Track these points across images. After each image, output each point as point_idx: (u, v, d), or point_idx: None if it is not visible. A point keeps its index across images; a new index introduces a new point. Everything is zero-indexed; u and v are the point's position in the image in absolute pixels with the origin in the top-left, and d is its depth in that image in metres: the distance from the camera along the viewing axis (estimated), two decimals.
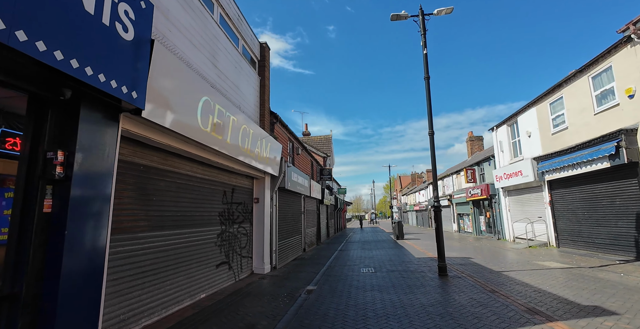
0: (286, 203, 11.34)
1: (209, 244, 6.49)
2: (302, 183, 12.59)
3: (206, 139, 5.32)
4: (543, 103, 13.60)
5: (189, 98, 4.72)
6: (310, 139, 26.78)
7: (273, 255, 9.44)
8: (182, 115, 4.56)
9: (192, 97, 4.79)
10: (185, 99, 4.60)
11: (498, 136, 17.84)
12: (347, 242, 19.24)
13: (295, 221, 12.63)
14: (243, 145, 6.87)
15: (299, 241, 13.05)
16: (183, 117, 4.58)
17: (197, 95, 4.95)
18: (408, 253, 12.63)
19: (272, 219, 9.55)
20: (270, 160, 8.82)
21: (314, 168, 18.30)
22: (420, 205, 40.60)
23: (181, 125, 4.55)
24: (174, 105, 4.33)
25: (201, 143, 5.25)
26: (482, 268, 8.88)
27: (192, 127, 4.85)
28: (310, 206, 16.30)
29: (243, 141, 6.86)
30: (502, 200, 17.58)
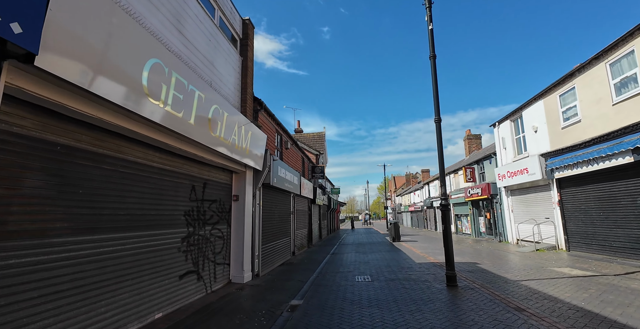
0: (272, 202, 10.14)
1: (170, 250, 5.27)
2: (291, 180, 11.41)
3: (158, 116, 4.12)
4: (551, 96, 12.63)
5: (127, 54, 3.50)
6: (302, 136, 25.59)
7: (255, 260, 8.23)
8: (115, 75, 3.34)
9: (131, 54, 3.57)
10: (119, 54, 3.38)
11: (500, 132, 16.87)
12: (340, 244, 18.08)
13: (283, 222, 11.43)
14: (214, 130, 5.67)
15: (287, 244, 11.85)
16: (116, 78, 3.36)
17: (142, 53, 3.74)
18: (407, 257, 11.51)
19: (255, 219, 8.34)
20: (251, 151, 7.63)
21: (305, 166, 17.11)
22: (416, 206, 39.65)
23: (112, 89, 3.33)
24: (98, 57, 3.10)
25: (150, 120, 4.03)
26: (494, 276, 7.78)
27: (133, 96, 3.63)
28: (300, 206, 15.12)
29: (215, 125, 5.65)
30: (504, 200, 16.60)
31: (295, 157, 14.33)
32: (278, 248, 10.49)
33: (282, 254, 11.07)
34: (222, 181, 7.32)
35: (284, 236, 11.50)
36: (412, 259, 10.90)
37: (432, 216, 32.05)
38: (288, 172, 11.11)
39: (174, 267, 5.33)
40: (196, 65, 6.01)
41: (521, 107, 14.75)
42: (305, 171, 17.03)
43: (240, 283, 7.42)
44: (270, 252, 9.60)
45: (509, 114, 15.88)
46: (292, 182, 11.65)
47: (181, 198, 5.67)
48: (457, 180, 24.71)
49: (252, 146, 7.64)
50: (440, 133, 7.00)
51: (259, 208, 8.62)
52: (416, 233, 27.22)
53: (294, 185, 12.12)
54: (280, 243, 10.84)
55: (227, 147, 6.25)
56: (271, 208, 9.98)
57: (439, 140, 6.97)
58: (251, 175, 8.32)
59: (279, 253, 10.55)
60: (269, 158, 8.80)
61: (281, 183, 10.01)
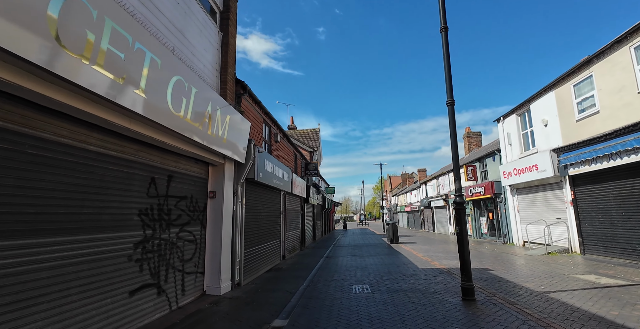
0: (258, 200, 8.98)
1: (116, 259, 4.10)
2: (280, 176, 10.26)
3: (84, 77, 2.96)
4: (564, 86, 11.65)
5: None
6: (295, 132, 24.45)
7: (236, 267, 7.08)
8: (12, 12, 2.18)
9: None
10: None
11: (505, 128, 15.90)
12: (335, 247, 16.97)
13: (271, 223, 10.28)
14: (177, 108, 4.51)
15: (276, 248, 10.70)
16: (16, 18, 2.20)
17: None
18: (408, 261, 10.43)
19: (236, 220, 7.19)
20: (231, 140, 6.48)
21: (297, 162, 15.97)
22: (412, 206, 38.70)
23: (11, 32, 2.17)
24: None
25: (71, 83, 2.88)
26: (514, 285, 6.72)
27: (35, 40, 2.48)
28: (292, 205, 13.98)
29: (177, 101, 4.49)
30: (509, 199, 15.63)
31: (286, 152, 13.19)
32: (265, 252, 9.33)
33: (270, 258, 9.91)
34: (194, 175, 6.16)
35: (273, 239, 10.35)
36: (414, 264, 9.81)
37: (429, 217, 31.09)
38: (277, 167, 9.97)
39: (122, 281, 4.16)
40: (157, 29, 4.84)
41: (529, 100, 13.78)
42: (297, 168, 15.89)
43: (216, 295, 6.26)
44: (255, 257, 8.45)
45: (515, 108, 14.90)
46: (282, 179, 10.50)
47: (135, 192, 4.51)
48: None
49: (231, 134, 6.48)
50: (453, 117, 5.92)
51: (241, 206, 7.47)
52: (413, 234, 26.22)
53: (284, 182, 10.98)
54: (268, 246, 9.69)
55: (197, 132, 5.09)
56: (257, 207, 8.82)
57: (452, 126, 5.89)
58: (232, 168, 7.16)
59: (266, 257, 9.39)
60: (254, 149, 7.65)
61: (268, 179, 8.86)
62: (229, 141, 6.41)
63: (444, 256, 11.53)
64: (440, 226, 27.59)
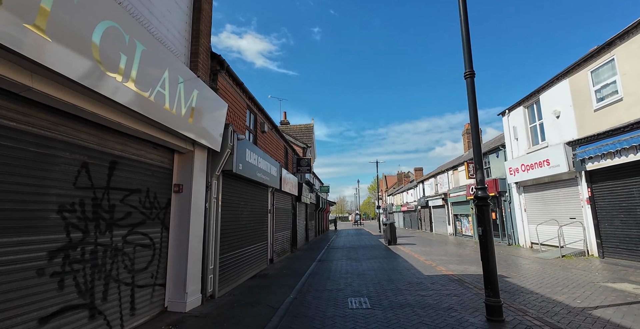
0: (240, 197, 7.79)
1: (18, 274, 2.90)
2: (266, 170, 9.08)
3: None
4: (580, 73, 10.64)
5: None
6: (288, 128, 23.26)
7: (209, 276, 5.89)
8: None
9: None
10: None
11: (511, 121, 14.89)
12: (329, 248, 15.81)
13: (256, 223, 9.10)
14: (111, 67, 3.31)
15: (261, 251, 9.51)
16: None
17: None
18: (410, 266, 9.32)
19: (210, 219, 6.01)
20: (200, 122, 5.29)
21: (288, 157, 14.79)
22: (409, 206, 37.72)
23: None
24: None
25: None
26: (543, 298, 5.62)
27: None
28: (282, 204, 12.80)
29: (110, 54, 3.30)
30: (515, 198, 14.62)
31: (275, 145, 11.99)
32: (247, 256, 8.14)
33: (255, 263, 8.73)
34: (152, 163, 4.95)
35: (258, 241, 9.16)
36: (417, 269, 8.70)
37: (427, 217, 30.11)
38: (263, 160, 8.79)
39: (28, 304, 2.96)
40: None
41: (538, 90, 12.77)
42: (288, 164, 14.71)
43: (179, 312, 5.06)
44: (235, 263, 7.25)
45: (522, 100, 13.89)
46: (268, 173, 9.32)
47: (54, 182, 3.30)
48: (455, 177, 22.76)
49: (201, 115, 5.30)
50: (473, 92, 4.82)
51: (216, 203, 6.28)
52: (411, 235, 25.17)
53: (272, 177, 9.80)
54: (251, 250, 8.50)
55: (145, 104, 3.89)
56: (237, 205, 7.63)
57: (472, 102, 4.79)
58: (204, 157, 5.97)
59: (248, 262, 8.20)
60: (232, 136, 6.47)
61: (251, 172, 7.67)
62: (198, 123, 5.22)
63: (448, 260, 10.44)
64: (439, 226, 26.60)
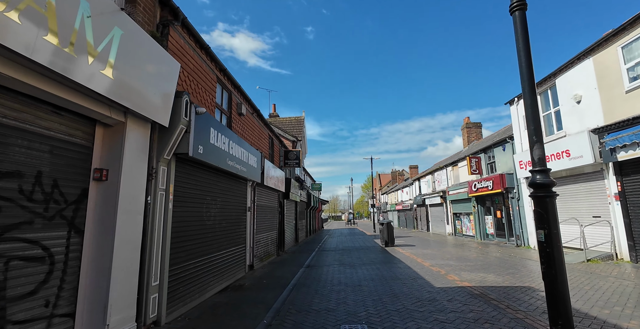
0: (204, 190, 6.19)
1: None
2: (242, 159, 7.49)
3: None
4: (608, 50, 9.26)
5: None
6: (277, 120, 21.63)
7: (150, 297, 4.30)
8: None
9: None
10: None
11: (520, 110, 13.51)
12: (320, 251, 14.27)
13: (230, 223, 7.50)
14: None
15: (237, 257, 7.92)
16: None
17: None
18: (415, 274, 7.82)
19: (154, 219, 4.42)
20: (126, 78, 3.69)
21: (274, 149, 13.18)
22: (404, 204, 36.40)
23: None
24: None
25: None
26: (607, 326, 4.16)
27: None
28: (266, 201, 11.21)
29: None
30: (524, 195, 13.26)
31: (256, 132, 10.38)
32: (216, 264, 6.54)
33: (227, 272, 7.14)
34: (51, 135, 3.33)
35: (232, 245, 7.57)
36: (425, 279, 7.21)
37: (423, 215, 28.77)
38: (238, 146, 7.21)
39: None
40: None
41: (554, 74, 11.39)
42: (274, 156, 13.11)
43: None
44: (196, 275, 5.65)
45: None
46: (245, 163, 7.73)
47: None
48: (455, 173, 21.41)
49: (131, 67, 3.70)
50: (525, 30, 3.27)
51: (164, 197, 4.68)
52: (407, 235, 23.77)
53: (251, 168, 8.21)
54: (222, 256, 6.90)
55: (14, 30, 2.28)
56: (201, 200, 6.02)
57: (524, 45, 3.24)
58: (144, 134, 4.36)
59: (218, 272, 6.61)
60: (188, 109, 4.87)
61: (218, 159, 6.07)
62: (125, 80, 3.62)
63: (458, 266, 8.98)
64: (436, 225, 25.26)
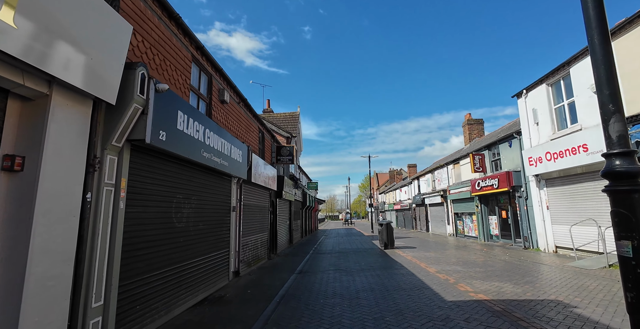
0: (173, 187, 5.21)
1: None
2: (223, 151, 6.52)
3: None
4: (631, 33, 8.38)
5: None
6: (270, 116, 20.64)
7: (89, 322, 3.34)
8: None
9: None
10: None
11: (529, 103, 12.64)
12: (315, 253, 13.32)
13: (208, 225, 6.53)
14: None
15: (218, 263, 6.95)
16: None
17: None
18: (421, 283, 6.89)
19: (96, 223, 3.45)
20: (42, 35, 2.71)
21: (265, 143, 12.21)
22: (402, 204, 35.54)
23: None
24: None
25: None
26: None
27: None
28: (256, 200, 10.25)
29: None
30: (533, 193, 12.39)
31: (243, 124, 9.41)
32: (189, 274, 5.56)
33: (205, 282, 6.17)
34: None
35: (212, 250, 6.60)
36: (432, 289, 6.27)
37: (423, 215, 27.91)
38: (217, 136, 6.24)
39: None
40: None
41: (568, 62, 10.51)
42: (265, 152, 12.14)
43: None
44: (158, 289, 4.66)
45: (545, 76, 11.63)
46: (227, 156, 6.76)
47: None
48: (457, 171, 20.55)
49: (55, 18, 2.74)
50: None
51: (112, 195, 3.71)
52: (406, 235, 22.89)
53: (234, 162, 7.25)
54: (198, 264, 5.92)
55: None
56: (169, 199, 5.04)
57: None
58: (83, 112, 3.38)
59: (192, 283, 5.63)
60: (145, 83, 3.90)
61: (190, 150, 5.10)
62: (40, 32, 2.65)
63: (467, 272, 8.06)
64: (436, 226, 24.40)
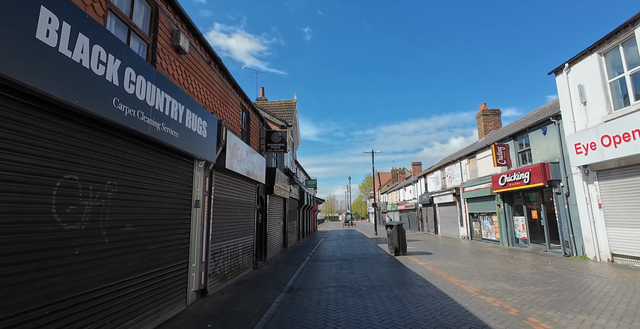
0: (49, 159, 2.99)
1: None
2: (167, 114, 4.29)
3: None
4: None
5: None
6: (264, 104, 18.43)
7: None
8: None
9: None
10: None
11: (572, 79, 10.42)
12: (312, 260, 11.09)
13: (148, 229, 4.31)
14: None
15: (169, 282, 4.71)
16: None
17: None
18: (468, 315, 4.65)
19: None
20: None
21: (251, 125, 9.95)
22: (407, 204, 33.29)
23: None
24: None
25: None
26: None
27: None
28: (236, 194, 8.03)
29: None
30: (577, 188, 10.16)
31: (215, 91, 7.15)
32: (97, 307, 3.32)
33: (133, 315, 3.93)
34: None
35: (154, 264, 4.36)
36: (480, 319, 4.04)
37: (430, 216, 25.64)
38: (158, 89, 4.03)
39: None
40: None
41: (632, 21, 8.30)
42: (251, 136, 9.90)
43: None
44: None
45: (597, 43, 9.39)
46: (176, 123, 4.54)
47: None
48: (472, 166, 18.31)
49: None
50: None
51: None
52: (414, 238, 20.64)
53: (193, 136, 5.02)
54: (118, 288, 3.67)
55: None
56: (30, 180, 2.81)
57: None
58: None
59: (103, 320, 3.39)
60: None
61: (84, 92, 2.87)
62: None
63: (522, 293, 5.81)
64: (447, 227, 22.11)
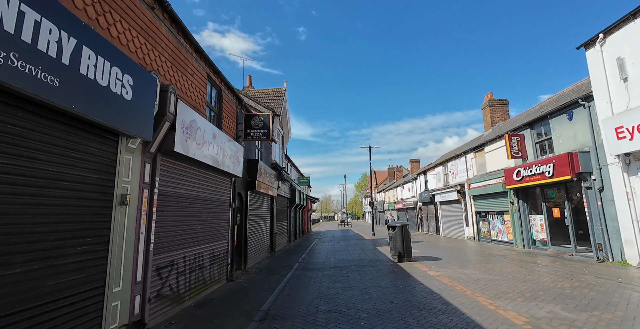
0: None
1: None
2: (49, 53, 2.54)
3: None
4: None
5: None
6: (251, 92, 16.65)
7: None
8: None
9: None
10: None
11: (607, 53, 8.82)
12: (300, 269, 9.36)
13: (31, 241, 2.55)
14: None
15: (63, 321, 2.96)
16: None
17: None
18: None
19: None
20: None
21: (224, 105, 8.15)
22: (405, 202, 31.71)
23: None
24: None
25: None
26: None
27: None
28: (198, 189, 6.28)
29: None
30: (614, 182, 8.58)
31: (160, 46, 5.36)
32: None
33: None
34: None
35: (29, 299, 2.61)
36: None
37: (432, 215, 24.03)
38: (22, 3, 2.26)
39: None
40: None
41: None
42: (223, 119, 8.09)
43: None
44: None
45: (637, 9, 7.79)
46: (66, 69, 2.78)
47: None
48: (480, 160, 16.72)
49: None
50: None
51: None
52: (414, 239, 18.94)
53: (102, 93, 3.27)
54: None
55: None
56: None
57: None
58: None
59: None
60: None
61: None
62: None
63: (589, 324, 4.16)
64: (450, 227, 20.50)
